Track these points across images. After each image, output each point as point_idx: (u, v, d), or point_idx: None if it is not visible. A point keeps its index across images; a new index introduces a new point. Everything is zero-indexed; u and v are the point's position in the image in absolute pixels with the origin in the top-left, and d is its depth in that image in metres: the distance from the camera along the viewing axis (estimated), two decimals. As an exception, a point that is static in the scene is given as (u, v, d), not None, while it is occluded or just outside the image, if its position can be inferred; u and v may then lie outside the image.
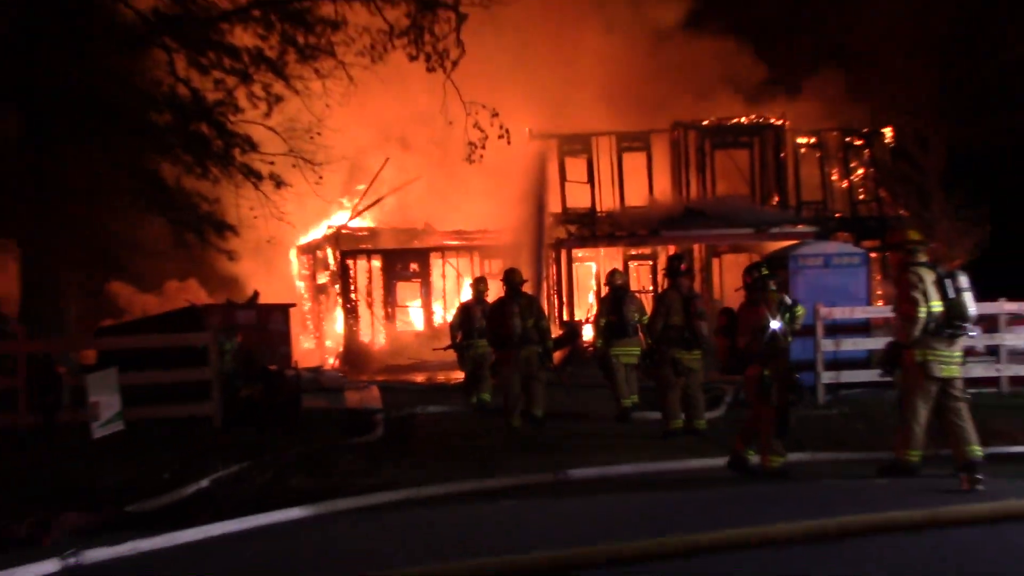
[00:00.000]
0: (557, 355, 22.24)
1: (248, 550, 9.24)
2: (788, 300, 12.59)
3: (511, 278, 17.51)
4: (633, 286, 29.97)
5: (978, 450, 11.11)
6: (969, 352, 19.40)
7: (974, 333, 11.87)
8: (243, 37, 21.01)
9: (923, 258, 11.78)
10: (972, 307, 11.53)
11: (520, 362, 16.82)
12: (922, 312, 11.31)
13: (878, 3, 38.43)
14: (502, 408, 17.33)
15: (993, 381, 18.88)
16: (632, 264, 33.37)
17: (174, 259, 32.68)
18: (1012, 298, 19.40)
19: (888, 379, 12.25)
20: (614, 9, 37.47)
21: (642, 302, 18.51)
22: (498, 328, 17.12)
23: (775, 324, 12.16)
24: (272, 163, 21.25)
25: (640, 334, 17.47)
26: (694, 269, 31.00)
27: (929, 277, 11.52)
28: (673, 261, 16.44)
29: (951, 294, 11.44)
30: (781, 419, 12.03)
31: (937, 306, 11.37)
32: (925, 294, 11.37)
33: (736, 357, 12.39)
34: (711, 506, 10.54)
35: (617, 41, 36.66)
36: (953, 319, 11.40)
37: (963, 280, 11.61)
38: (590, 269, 34.20)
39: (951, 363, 11.43)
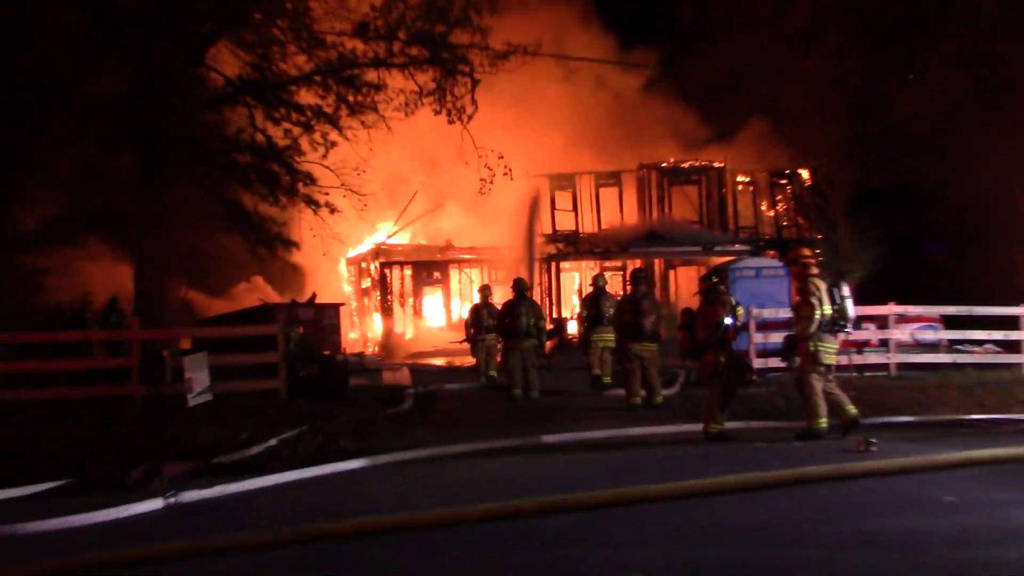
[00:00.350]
0: (548, 344, 22.42)
1: (308, 494, 9.27)
2: (734, 301, 12.67)
3: (519, 285, 18.13)
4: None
5: (853, 409, 11.50)
6: (866, 344, 19.54)
7: (849, 330, 12.11)
8: (307, 97, 21.08)
9: (815, 270, 11.98)
10: (852, 311, 11.87)
11: (522, 351, 17.21)
12: (818, 314, 11.56)
13: (797, 73, 38.51)
14: (506, 385, 17.53)
15: (884, 367, 18.93)
16: (606, 274, 33.34)
17: (245, 268, 32.69)
18: (899, 302, 19.44)
19: (785, 364, 12.42)
20: (591, 78, 37.49)
21: (616, 300, 18.54)
22: (509, 323, 17.48)
23: (728, 320, 12.24)
24: (327, 194, 21.29)
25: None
26: (654, 278, 31.11)
27: (823, 286, 11.72)
28: (634, 272, 16.68)
29: (838, 300, 11.72)
30: (727, 395, 12.10)
31: (828, 309, 11.62)
32: (820, 300, 11.58)
33: (695, 346, 12.39)
34: (666, 462, 10.56)
35: (596, 101, 36.77)
36: (838, 320, 11.70)
37: (846, 290, 11.94)
38: (574, 278, 34.22)
39: (833, 353, 11.74)
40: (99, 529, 7.86)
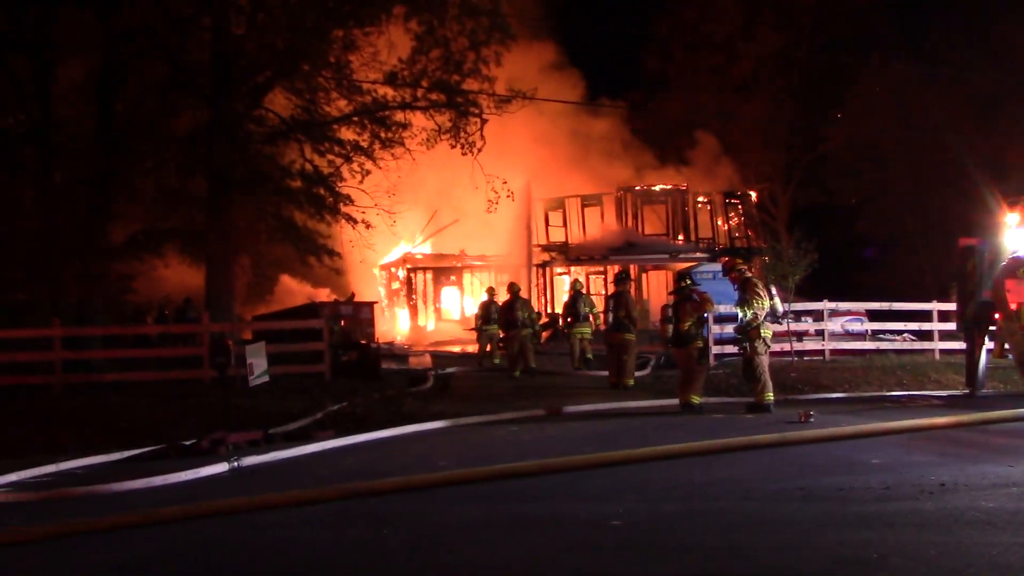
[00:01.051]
0: (544, 334, 22.76)
1: (349, 457, 9.22)
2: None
3: (513, 288, 19.00)
4: (591, 291, 30.58)
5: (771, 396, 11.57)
6: (804, 334, 19.46)
7: (780, 321, 12.65)
8: (346, 133, 20.98)
9: (750, 273, 12.04)
10: (780, 306, 12.27)
11: (520, 338, 17.69)
12: (766, 304, 11.64)
13: (744, 112, 38.60)
14: (507, 366, 17.63)
15: (820, 352, 18.82)
16: (591, 277, 33.39)
17: (282, 270, 32.47)
18: (832, 299, 19.38)
19: (737, 349, 12.33)
20: (574, 124, 37.17)
21: (592, 301, 19.72)
22: (509, 317, 18.12)
23: (708, 314, 12.20)
24: (364, 213, 21.20)
25: (591, 319, 18.59)
26: (631, 279, 31.01)
27: (761, 284, 12.04)
28: (616, 275, 16.65)
29: (770, 298, 11.87)
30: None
31: (768, 303, 11.70)
32: (762, 297, 11.54)
33: (680, 336, 11.99)
34: (641, 430, 10.50)
35: (580, 140, 36.66)
36: (774, 312, 11.93)
37: (774, 290, 12.42)
38: (564, 280, 34.16)
39: (771, 337, 11.88)
40: (176, 488, 7.80)
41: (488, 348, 20.50)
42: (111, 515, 6.54)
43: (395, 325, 34.88)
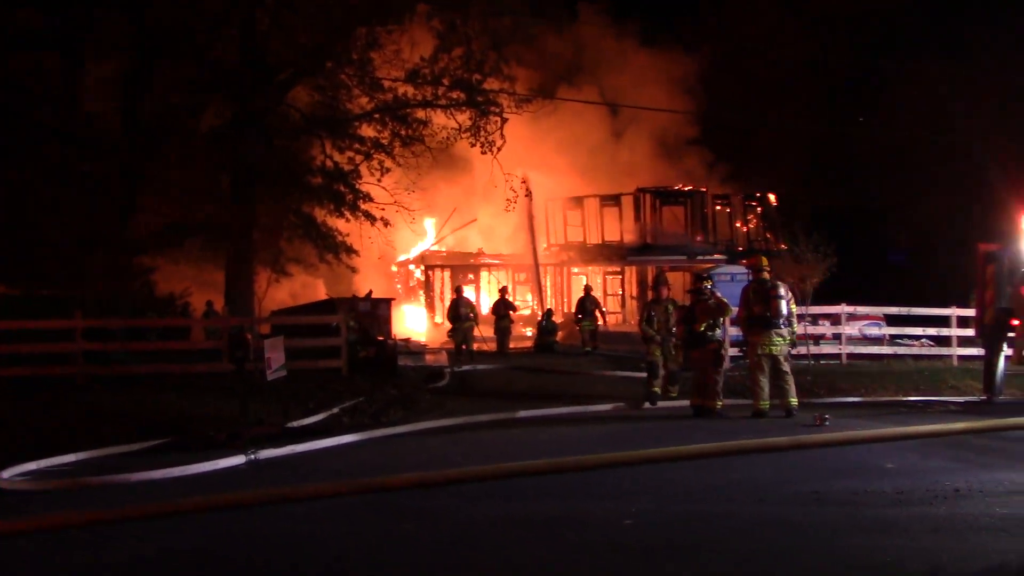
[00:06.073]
0: (561, 334, 22.96)
1: (364, 452, 9.28)
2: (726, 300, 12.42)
3: (459, 290, 21.95)
4: (608, 291, 31.77)
5: (766, 404, 11.28)
6: (821, 337, 19.34)
7: (785, 325, 11.47)
8: (367, 130, 21.08)
9: (765, 276, 11.67)
10: (784, 310, 11.41)
11: (463, 330, 20.87)
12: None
13: (771, 115, 38.48)
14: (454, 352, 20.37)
15: (837, 356, 18.70)
16: (609, 278, 33.34)
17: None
18: (850, 303, 19.26)
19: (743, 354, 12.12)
20: (595, 124, 37.01)
21: (598, 300, 22.74)
22: (454, 313, 21.09)
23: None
24: (383, 210, 21.30)
25: (596, 315, 22.20)
26: (647, 281, 30.92)
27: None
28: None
29: (770, 300, 11.40)
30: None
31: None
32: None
33: (695, 337, 11.93)
34: (657, 432, 10.50)
35: (601, 140, 36.52)
36: (776, 315, 11.42)
37: (782, 290, 11.54)
38: (582, 280, 34.13)
39: (770, 345, 11.35)
40: (194, 479, 7.89)
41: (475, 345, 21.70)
42: (133, 505, 6.60)
43: (412, 323, 34.93)
